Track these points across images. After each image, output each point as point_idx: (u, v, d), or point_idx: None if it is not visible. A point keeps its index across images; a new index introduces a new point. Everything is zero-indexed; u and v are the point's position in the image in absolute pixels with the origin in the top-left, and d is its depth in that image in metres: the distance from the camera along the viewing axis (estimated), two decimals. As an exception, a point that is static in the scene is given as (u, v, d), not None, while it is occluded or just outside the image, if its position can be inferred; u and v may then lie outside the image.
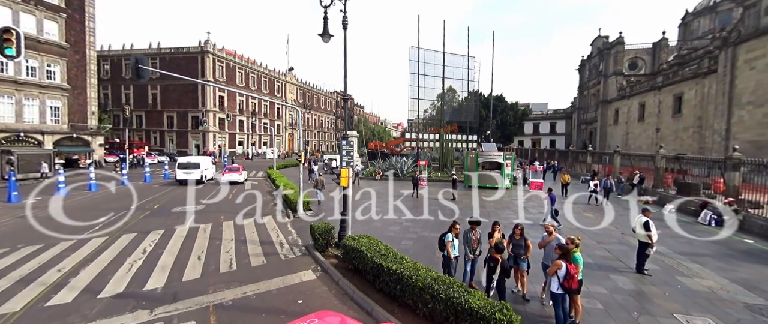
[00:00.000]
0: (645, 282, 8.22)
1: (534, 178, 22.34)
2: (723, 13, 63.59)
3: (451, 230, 7.25)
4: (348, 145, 10.66)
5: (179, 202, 18.57)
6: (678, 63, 58.15)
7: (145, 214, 15.86)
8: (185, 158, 27.78)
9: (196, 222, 14.03)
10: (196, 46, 54.67)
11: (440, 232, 8.17)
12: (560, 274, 5.43)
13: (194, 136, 56.75)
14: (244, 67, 62.59)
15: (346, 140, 10.73)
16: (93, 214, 15.30)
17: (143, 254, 10.31)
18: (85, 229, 12.99)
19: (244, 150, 61.51)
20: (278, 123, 72.95)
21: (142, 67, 11.20)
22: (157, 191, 22.34)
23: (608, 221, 14.25)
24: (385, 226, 13.26)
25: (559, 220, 12.93)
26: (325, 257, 9.69)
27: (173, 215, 15.49)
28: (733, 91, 38.20)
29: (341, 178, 9.55)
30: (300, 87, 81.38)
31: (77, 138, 36.39)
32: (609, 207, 17.20)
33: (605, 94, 69.95)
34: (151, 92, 57.58)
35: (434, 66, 38.05)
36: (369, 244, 8.09)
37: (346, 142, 10.73)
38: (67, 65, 35.21)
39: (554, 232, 6.90)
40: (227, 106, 58.49)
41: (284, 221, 14.55)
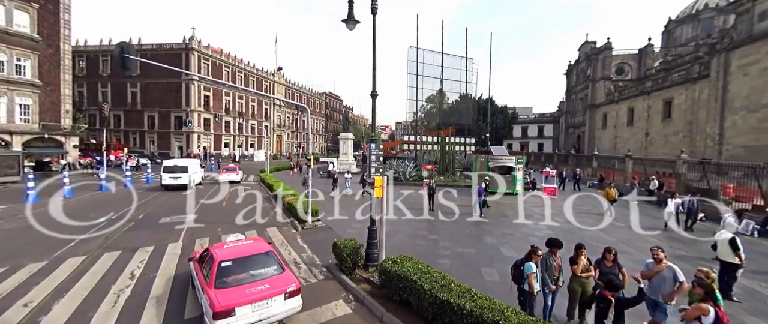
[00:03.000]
0: (742, 311, 7.09)
1: (547, 184, 21.36)
2: (705, 21, 65.26)
3: (531, 257, 5.82)
4: (377, 149, 9.21)
5: (167, 211, 16.61)
6: (664, 69, 59.18)
7: (128, 225, 13.91)
8: (171, 161, 25.96)
9: (190, 236, 12.24)
10: (180, 42, 51.94)
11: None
12: (707, 323, 4.17)
13: (177, 138, 53.87)
14: (231, 65, 60.07)
15: (374, 142, 9.26)
16: (67, 226, 13.26)
17: (131, 280, 8.55)
18: (59, 245, 11.06)
19: (230, 152, 58.87)
20: (266, 124, 70.45)
21: (129, 57, 9.43)
22: (141, 198, 20.20)
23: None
24: (412, 240, 11.84)
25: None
26: (354, 281, 8.19)
27: (163, 228, 13.61)
28: (726, 96, 38.56)
29: (376, 189, 8.07)
30: (289, 87, 79.07)
31: (49, 139, 33.47)
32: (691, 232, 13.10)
33: (593, 98, 70.67)
34: (130, 90, 54.37)
35: (433, 67, 37.00)
36: (418, 270, 6.64)
37: (375, 146, 9.27)
38: (38, 60, 32.37)
39: (665, 259, 5.57)
40: (213, 106, 55.84)
41: (292, 233, 12.93)
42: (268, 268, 6.54)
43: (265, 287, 6.03)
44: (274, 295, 5.99)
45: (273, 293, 5.99)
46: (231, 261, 6.40)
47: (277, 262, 6.76)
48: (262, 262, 6.62)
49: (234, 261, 6.43)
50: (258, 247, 7.00)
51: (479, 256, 10.12)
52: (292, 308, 6.21)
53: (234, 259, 6.48)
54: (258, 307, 5.82)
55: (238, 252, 6.73)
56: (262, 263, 6.59)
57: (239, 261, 6.48)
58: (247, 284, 6.08)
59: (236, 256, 6.58)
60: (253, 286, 6.03)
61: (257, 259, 6.66)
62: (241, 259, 6.52)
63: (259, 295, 5.88)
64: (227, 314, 5.52)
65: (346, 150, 35.64)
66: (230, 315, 5.55)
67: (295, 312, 6.35)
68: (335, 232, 12.78)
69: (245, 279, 6.20)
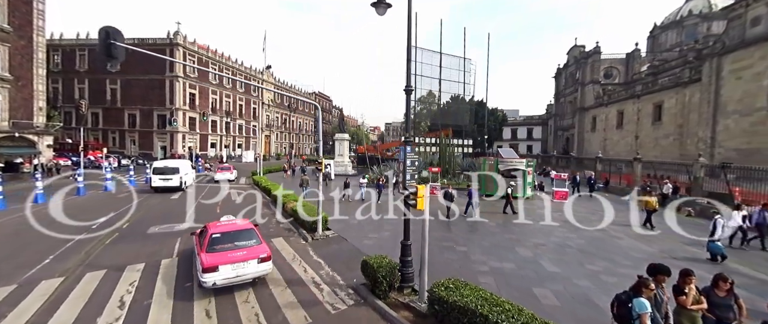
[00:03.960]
0: None
1: (558, 187, 20.61)
2: (689, 27, 67.03)
3: (640, 291, 4.65)
4: (414, 153, 8.01)
5: (156, 219, 14.96)
6: (652, 73, 60.19)
7: (111, 236, 12.25)
8: (161, 162, 24.63)
9: (186, 249, 10.73)
10: (164, 37, 49.44)
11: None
12: None
13: (160, 137, 51.25)
14: (218, 62, 57.70)
15: (408, 144, 8.04)
16: (42, 238, 11.56)
17: (121, 309, 7.07)
18: (32, 262, 9.43)
19: (217, 152, 56.46)
20: (254, 124, 68.11)
21: (115, 44, 7.92)
22: (124, 203, 18.36)
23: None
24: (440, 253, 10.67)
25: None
26: (392, 308, 6.94)
27: (152, 239, 12.01)
28: (719, 100, 38.99)
29: (418, 199, 6.85)
30: (278, 86, 76.90)
31: (20, 137, 30.88)
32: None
33: (582, 101, 71.41)
34: (110, 87, 51.44)
35: (431, 67, 36.02)
36: (484, 301, 5.46)
37: (410, 149, 8.06)
38: (9, 52, 29.80)
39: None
40: (199, 104, 53.42)
41: (302, 245, 11.55)
42: (248, 240, 8.37)
43: (243, 253, 7.88)
44: (249, 259, 7.81)
45: (249, 258, 7.82)
46: (220, 233, 8.32)
47: (256, 236, 8.61)
48: (245, 235, 8.49)
49: (223, 233, 8.35)
50: (243, 225, 9.01)
51: (522, 272, 9.04)
52: (263, 270, 8.01)
53: (223, 232, 8.41)
54: (236, 267, 7.64)
55: (227, 227, 8.70)
56: (245, 236, 8.46)
57: (227, 233, 8.39)
58: (230, 250, 7.90)
59: (225, 230, 8.52)
60: (234, 252, 7.86)
61: (241, 233, 8.58)
62: (228, 232, 8.44)
63: (238, 259, 7.73)
64: (213, 270, 7.41)
65: (341, 151, 34.26)
66: (215, 270, 7.43)
67: (265, 273, 8.16)
68: (351, 244, 11.51)
69: (229, 247, 8.03)
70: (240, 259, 7.70)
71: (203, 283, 7.42)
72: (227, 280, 7.51)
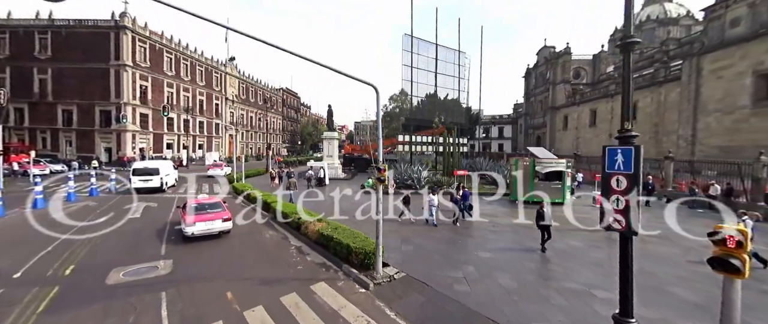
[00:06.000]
0: None
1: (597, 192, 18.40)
2: (647, 32, 71.05)
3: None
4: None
5: (121, 251, 10.35)
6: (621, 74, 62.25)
7: (44, 300, 7.62)
8: (141, 163, 24.67)
9: (177, 317, 6.57)
10: (108, 19, 41.89)
11: None
12: None
13: (104, 138, 43.53)
14: (175, 51, 50.60)
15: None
16: None
17: None
18: None
19: (173, 154, 49.36)
20: (217, 122, 61.24)
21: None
22: (66, 227, 13.18)
23: None
24: (543, 302, 7.45)
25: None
26: None
27: (117, 295, 7.59)
28: (699, 99, 39.89)
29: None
30: (243, 81, 70.07)
31: None
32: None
33: (554, 100, 72.63)
34: (38, 77, 42.75)
35: (428, 59, 33.10)
36: None
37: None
38: None
39: None
40: (152, 98, 46.12)
41: (363, 296, 7.70)
42: (216, 209, 12.65)
43: (213, 214, 12.13)
44: (216, 218, 12.01)
45: (216, 217, 12.03)
46: (197, 204, 12.81)
47: (222, 205, 13.05)
48: (214, 205, 12.89)
49: (199, 203, 12.85)
50: (214, 199, 13.71)
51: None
52: (226, 227, 12.10)
53: (199, 203, 12.97)
54: (207, 224, 11.79)
55: (203, 200, 13.47)
56: (214, 206, 12.84)
57: (202, 204, 12.91)
58: (204, 213, 12.12)
59: (200, 202, 13.12)
60: (206, 215, 12.08)
61: (212, 203, 13.02)
62: (203, 203, 13.00)
63: (209, 218, 11.94)
64: (192, 225, 11.51)
65: (331, 152, 30.26)
66: (193, 225, 11.52)
67: (227, 229, 12.19)
68: (429, 287, 7.95)
69: (204, 211, 12.29)
70: (210, 218, 11.91)
71: (185, 232, 11.50)
72: (201, 230, 11.59)
